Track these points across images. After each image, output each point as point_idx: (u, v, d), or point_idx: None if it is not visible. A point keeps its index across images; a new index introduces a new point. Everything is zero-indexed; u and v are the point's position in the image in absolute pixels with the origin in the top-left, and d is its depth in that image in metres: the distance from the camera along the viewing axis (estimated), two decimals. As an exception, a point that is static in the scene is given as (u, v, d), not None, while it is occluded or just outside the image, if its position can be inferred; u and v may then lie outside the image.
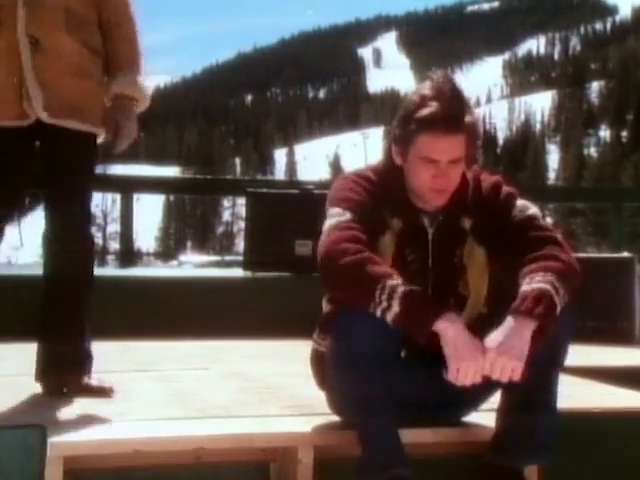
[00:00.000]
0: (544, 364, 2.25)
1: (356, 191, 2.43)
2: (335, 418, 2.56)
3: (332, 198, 2.44)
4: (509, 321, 2.23)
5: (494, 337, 2.22)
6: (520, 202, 2.48)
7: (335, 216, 2.38)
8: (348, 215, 2.37)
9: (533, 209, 2.48)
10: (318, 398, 2.66)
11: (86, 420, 2.52)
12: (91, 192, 3.19)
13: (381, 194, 2.44)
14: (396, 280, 2.23)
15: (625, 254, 5.71)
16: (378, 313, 2.22)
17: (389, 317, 2.21)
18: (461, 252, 2.47)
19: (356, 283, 2.25)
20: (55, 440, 2.31)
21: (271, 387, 3.26)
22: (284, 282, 5.72)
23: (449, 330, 2.19)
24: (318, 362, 2.54)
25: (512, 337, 2.21)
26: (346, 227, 2.34)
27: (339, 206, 2.40)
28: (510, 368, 2.19)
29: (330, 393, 2.50)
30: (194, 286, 5.74)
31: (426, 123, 2.35)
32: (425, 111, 2.35)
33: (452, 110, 2.35)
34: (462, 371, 2.18)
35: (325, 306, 2.56)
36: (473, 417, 2.62)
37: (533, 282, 2.27)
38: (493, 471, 2.43)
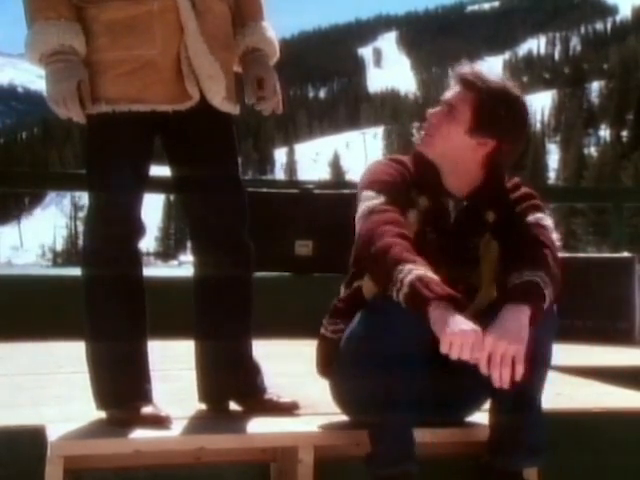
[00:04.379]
0: (531, 364, 2.23)
1: (387, 172, 2.47)
2: (336, 418, 2.56)
3: (365, 181, 2.48)
4: (504, 309, 2.24)
5: (492, 325, 2.21)
6: (540, 215, 2.50)
7: (369, 199, 2.41)
8: (382, 198, 2.40)
9: (548, 220, 2.50)
10: (319, 398, 2.66)
11: (86, 420, 2.52)
12: None
13: (412, 174, 2.48)
14: (417, 267, 2.21)
15: (625, 254, 5.70)
16: (394, 294, 2.22)
17: (401, 297, 2.20)
18: (479, 243, 2.48)
19: (384, 263, 2.26)
20: (55, 440, 2.31)
21: (271, 387, 3.26)
22: (284, 282, 5.71)
23: (434, 313, 2.16)
24: (323, 347, 2.54)
25: (509, 322, 2.21)
26: (383, 210, 2.37)
27: (372, 189, 2.43)
28: (512, 353, 2.18)
29: (343, 384, 2.46)
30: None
31: None
32: None
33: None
34: (455, 344, 2.14)
35: (342, 293, 2.55)
36: (473, 417, 2.62)
37: (523, 276, 2.29)
38: (492, 472, 2.43)
